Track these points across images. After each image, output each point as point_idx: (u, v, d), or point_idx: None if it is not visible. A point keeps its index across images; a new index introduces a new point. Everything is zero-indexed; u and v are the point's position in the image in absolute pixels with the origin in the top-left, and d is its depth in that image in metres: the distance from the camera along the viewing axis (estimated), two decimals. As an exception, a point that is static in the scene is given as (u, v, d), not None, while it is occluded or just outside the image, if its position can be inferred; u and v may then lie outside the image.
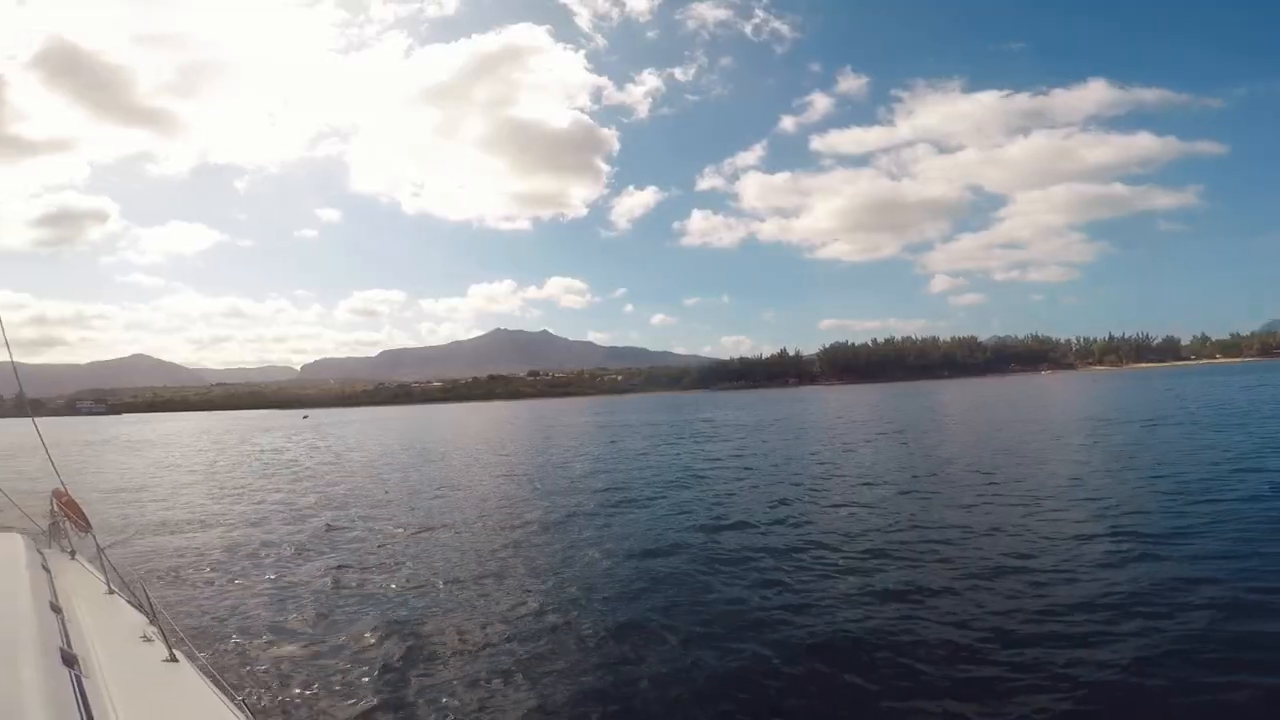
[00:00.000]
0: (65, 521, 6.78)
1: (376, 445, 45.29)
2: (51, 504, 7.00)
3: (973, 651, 6.91)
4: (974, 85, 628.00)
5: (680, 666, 6.90)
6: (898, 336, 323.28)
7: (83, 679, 3.08)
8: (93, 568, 6.12)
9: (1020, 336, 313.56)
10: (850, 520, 13.63)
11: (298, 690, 6.60)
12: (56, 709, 2.61)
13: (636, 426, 53.95)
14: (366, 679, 6.83)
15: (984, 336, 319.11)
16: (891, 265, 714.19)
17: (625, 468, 25.40)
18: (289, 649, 7.68)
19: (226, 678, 3.75)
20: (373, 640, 7.85)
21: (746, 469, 23.05)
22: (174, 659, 3.61)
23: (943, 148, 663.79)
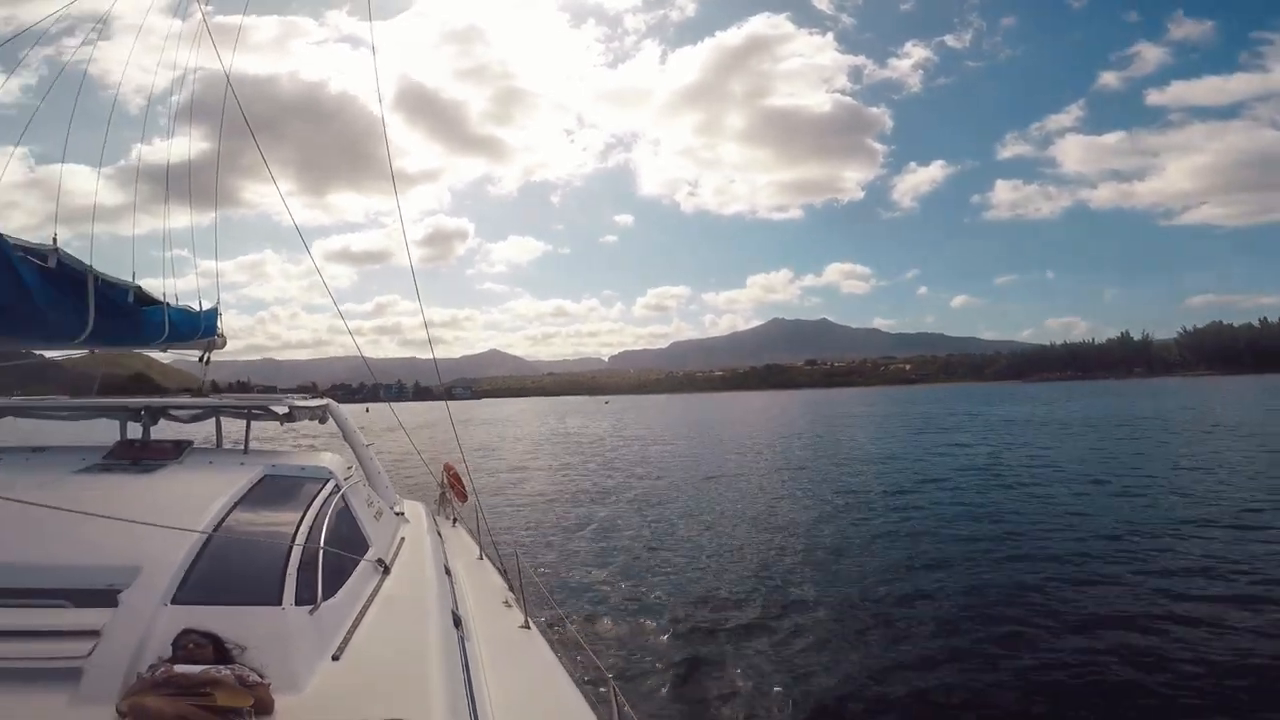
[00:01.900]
0: (450, 491, 7.52)
1: (664, 427, 50.90)
2: (443, 476, 7.76)
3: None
4: None
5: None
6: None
7: (465, 640, 3.35)
8: (468, 535, 6.79)
9: None
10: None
11: (627, 663, 6.70)
12: (448, 666, 2.85)
13: (938, 418, 48.92)
14: (691, 656, 6.89)
15: None
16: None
17: (933, 464, 23.00)
18: (626, 622, 8.02)
19: (569, 647, 4.13)
20: (699, 618, 8.01)
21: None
22: (528, 625, 3.85)
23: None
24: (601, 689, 5.41)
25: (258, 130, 4.28)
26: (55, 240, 4.08)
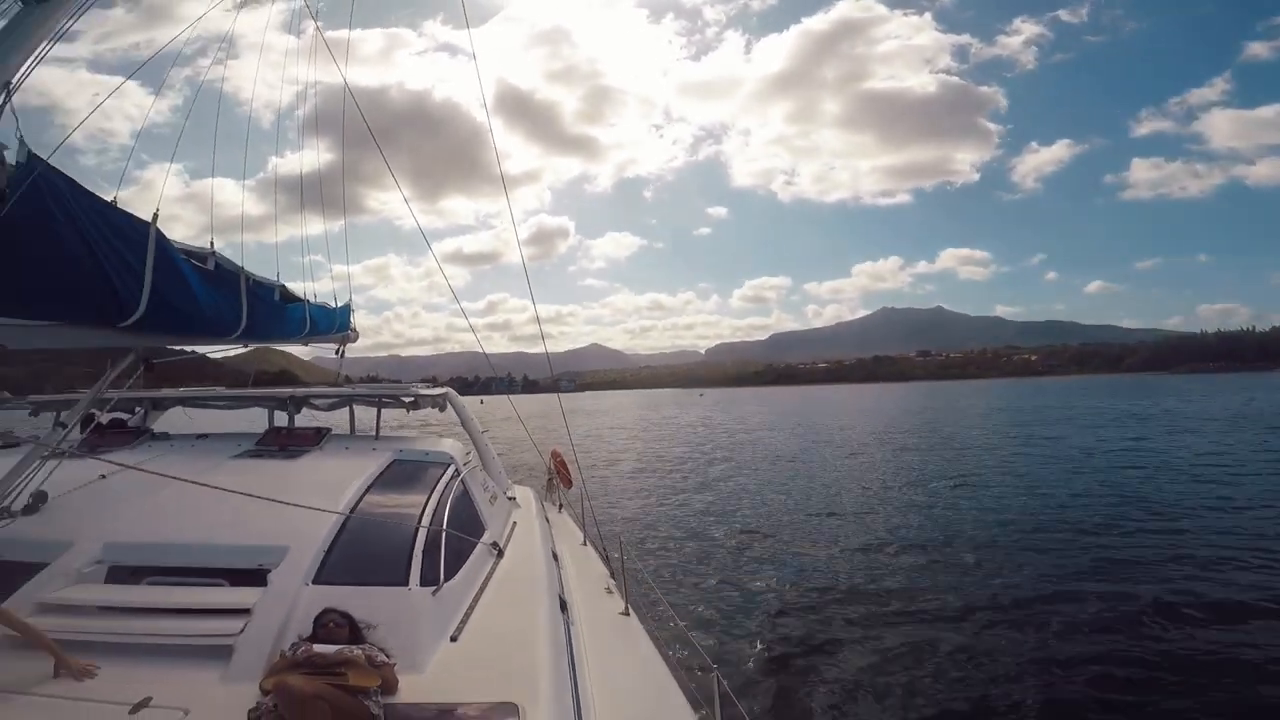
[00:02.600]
0: (556, 478, 7.76)
1: (759, 420, 50.02)
2: (550, 462, 7.99)
3: None
4: None
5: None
6: None
7: (569, 625, 3.47)
8: (572, 520, 7.02)
9: None
10: None
11: (724, 654, 6.58)
12: (555, 651, 2.94)
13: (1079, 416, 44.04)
14: (791, 650, 6.83)
15: None
16: None
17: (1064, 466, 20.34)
18: (725, 613, 7.95)
19: (667, 636, 4.15)
20: (801, 612, 7.86)
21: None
22: (627, 613, 3.96)
23: None
24: (700, 672, 5.42)
25: (377, 141, 4.53)
26: (212, 245, 4.53)
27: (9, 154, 3.02)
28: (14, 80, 3.00)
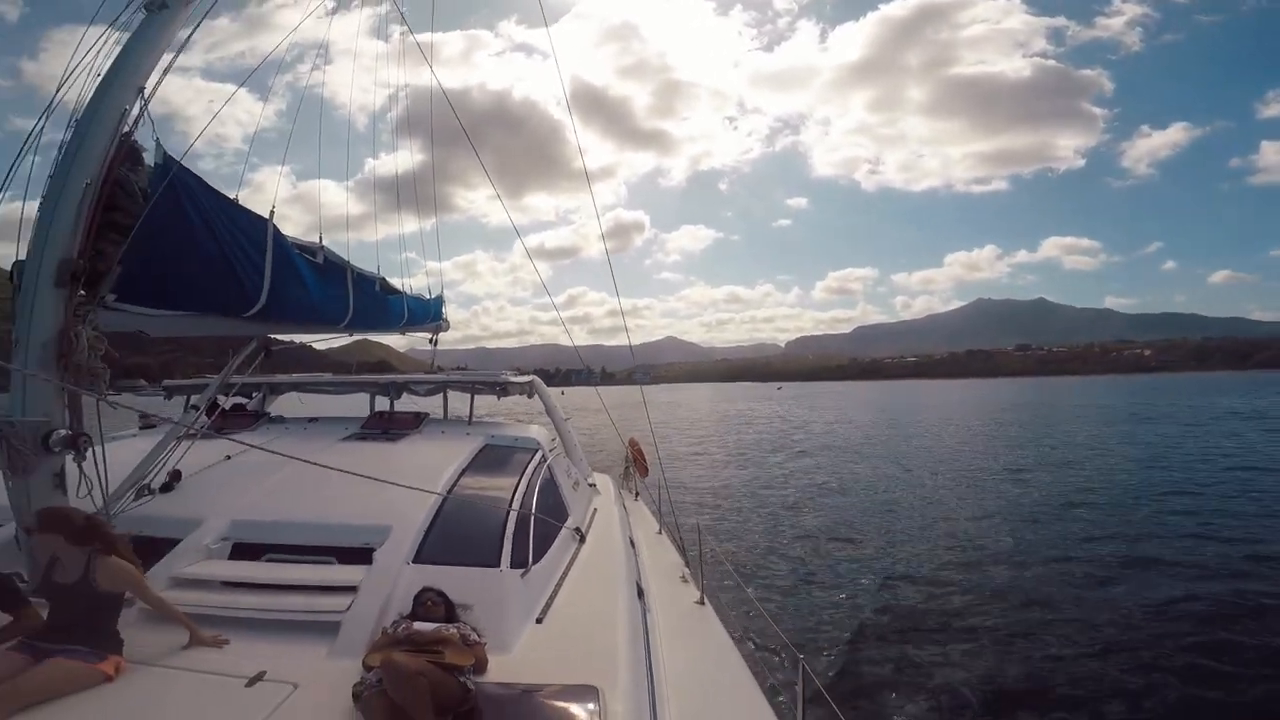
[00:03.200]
0: (633, 466, 7.89)
1: (838, 414, 48.16)
2: (627, 451, 8.07)
3: None
4: None
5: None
6: None
7: (646, 611, 3.52)
8: (648, 509, 7.09)
9: None
10: None
11: (800, 647, 6.47)
12: (634, 634, 3.00)
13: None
14: (870, 647, 6.67)
15: None
16: None
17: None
18: (801, 606, 7.77)
19: (741, 625, 4.12)
20: (880, 610, 7.65)
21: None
22: (703, 602, 3.97)
23: None
24: (778, 658, 5.22)
25: (463, 140, 4.68)
26: (320, 240, 4.83)
27: (147, 156, 3.31)
28: (148, 86, 3.28)
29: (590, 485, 6.10)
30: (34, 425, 2.87)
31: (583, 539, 4.27)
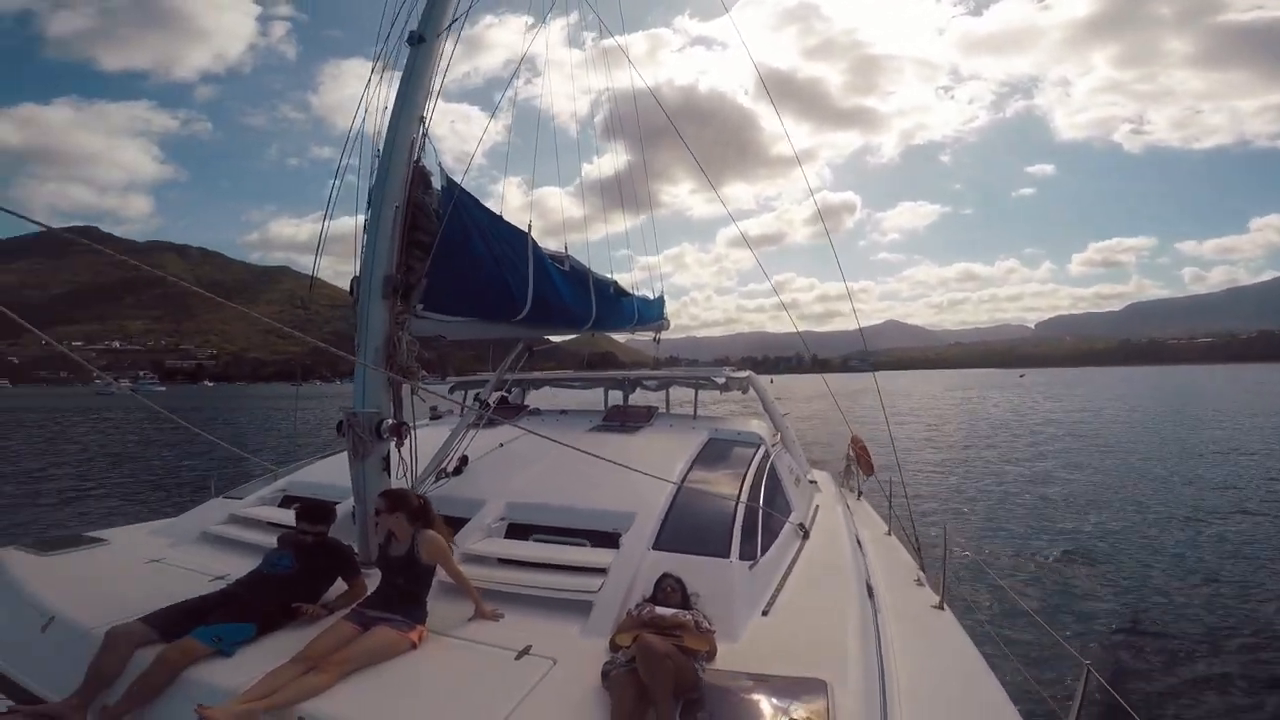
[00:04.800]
0: (856, 465, 7.63)
1: (1098, 409, 40.45)
2: (849, 448, 7.81)
3: None
4: None
5: None
6: None
7: (877, 612, 3.46)
8: (873, 509, 6.81)
9: None
10: None
11: (1047, 666, 5.62)
12: (864, 632, 2.92)
13: None
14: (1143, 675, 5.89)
15: None
16: None
17: None
18: (1054, 623, 6.60)
19: (985, 635, 3.90)
20: (1150, 633, 6.84)
21: None
22: (942, 607, 3.81)
23: None
24: (1033, 670, 4.52)
25: (662, 139, 4.78)
26: (566, 249, 5.30)
27: (435, 180, 3.87)
28: (427, 114, 3.82)
29: (811, 482, 6.03)
30: (370, 416, 3.50)
31: (806, 535, 4.25)
